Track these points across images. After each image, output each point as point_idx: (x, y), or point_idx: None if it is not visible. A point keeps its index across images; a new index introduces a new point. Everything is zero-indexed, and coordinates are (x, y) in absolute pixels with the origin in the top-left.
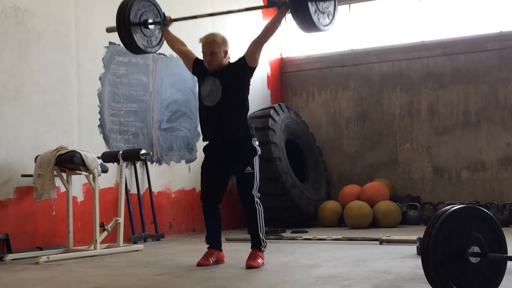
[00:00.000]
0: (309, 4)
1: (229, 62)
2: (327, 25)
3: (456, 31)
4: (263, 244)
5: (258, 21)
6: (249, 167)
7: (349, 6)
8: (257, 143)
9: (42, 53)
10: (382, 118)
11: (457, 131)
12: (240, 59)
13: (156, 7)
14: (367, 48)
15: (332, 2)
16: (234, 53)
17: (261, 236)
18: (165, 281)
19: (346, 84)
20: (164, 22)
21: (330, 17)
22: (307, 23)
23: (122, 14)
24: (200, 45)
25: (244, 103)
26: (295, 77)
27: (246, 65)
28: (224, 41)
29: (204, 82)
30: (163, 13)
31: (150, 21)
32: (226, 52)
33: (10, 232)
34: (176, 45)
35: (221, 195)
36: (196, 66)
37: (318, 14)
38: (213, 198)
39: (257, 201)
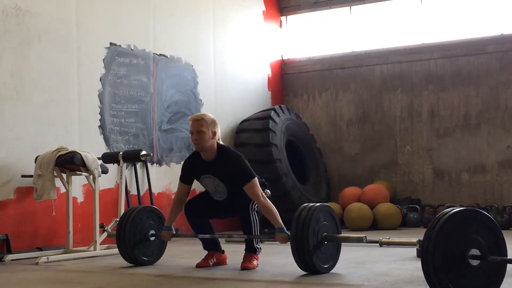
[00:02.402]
0: (314, 259)
1: (219, 145)
2: (329, 267)
3: (457, 34)
4: (256, 249)
5: (259, 23)
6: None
7: (350, 8)
8: (268, 192)
9: (43, 53)
10: (382, 120)
11: (458, 133)
12: (240, 175)
13: (151, 213)
14: (368, 50)
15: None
16: (235, 54)
17: (255, 245)
18: (164, 282)
19: (346, 86)
20: (164, 237)
21: (334, 257)
22: (311, 270)
23: (123, 242)
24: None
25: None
26: (296, 79)
27: (242, 184)
28: (213, 122)
29: (203, 178)
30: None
31: (151, 233)
32: (214, 133)
33: (10, 232)
34: (181, 204)
35: (209, 216)
36: (189, 173)
37: (319, 257)
38: (198, 213)
39: (253, 214)
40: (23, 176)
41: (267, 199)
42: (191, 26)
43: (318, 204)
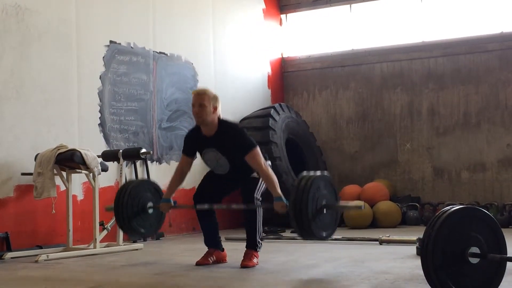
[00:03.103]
0: (313, 225)
1: (220, 119)
2: (328, 234)
3: (456, 32)
4: (258, 245)
5: (258, 21)
6: (255, 173)
7: (350, 6)
8: (269, 162)
9: (42, 51)
10: (382, 119)
11: (457, 131)
12: (241, 145)
13: (150, 185)
14: (368, 48)
15: (334, 213)
16: (235, 52)
17: (257, 238)
18: (164, 280)
19: (346, 84)
20: (162, 209)
21: (333, 226)
22: (310, 237)
23: (121, 212)
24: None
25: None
26: (296, 77)
27: (242, 154)
28: (215, 98)
29: (204, 152)
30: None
31: (149, 205)
32: (215, 108)
33: (10, 230)
34: (182, 175)
35: (215, 200)
36: (190, 144)
37: (321, 226)
38: (206, 201)
39: (258, 204)
40: (23, 174)
41: (269, 168)
42: (191, 24)
43: (318, 173)
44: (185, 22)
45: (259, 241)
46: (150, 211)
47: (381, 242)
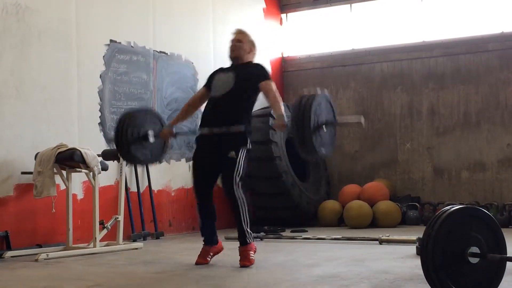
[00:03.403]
0: (314, 139)
1: (250, 62)
2: (328, 150)
3: (457, 32)
4: (248, 236)
5: (259, 20)
6: (233, 152)
7: (350, 5)
8: (249, 140)
9: (43, 50)
10: (382, 118)
11: (458, 131)
12: (260, 72)
13: (153, 114)
14: (368, 48)
15: (334, 129)
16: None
17: (245, 227)
18: (164, 279)
19: (346, 84)
20: (163, 135)
21: (333, 138)
22: (312, 154)
23: (120, 138)
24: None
25: (249, 101)
26: (296, 76)
27: (258, 80)
28: (253, 42)
29: (219, 75)
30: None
31: (150, 134)
32: (251, 49)
33: (10, 229)
34: (197, 105)
35: (211, 185)
36: (213, 75)
37: (320, 142)
38: (207, 194)
39: (237, 189)
40: (23, 173)
41: (277, 92)
42: (191, 23)
43: (318, 92)
44: (185, 21)
45: (247, 231)
46: (152, 139)
47: (381, 241)
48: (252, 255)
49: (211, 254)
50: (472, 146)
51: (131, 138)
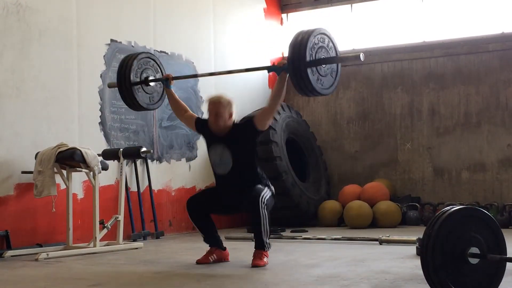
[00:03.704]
0: (310, 73)
1: (234, 122)
2: (329, 87)
3: (457, 32)
4: (266, 246)
5: (259, 20)
6: (260, 185)
7: (351, 6)
8: (270, 191)
9: (43, 50)
10: (383, 118)
11: (458, 131)
12: (248, 122)
13: (156, 62)
14: (369, 48)
15: (334, 64)
16: (235, 51)
17: (265, 239)
18: (164, 279)
19: (347, 84)
20: (167, 82)
21: (334, 75)
22: (310, 92)
23: (122, 74)
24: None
25: (254, 162)
26: None
27: (255, 129)
28: (229, 103)
29: (212, 148)
30: (166, 78)
31: (151, 78)
32: (231, 114)
33: (10, 228)
34: (179, 112)
35: (210, 211)
36: (198, 126)
37: (320, 80)
38: (201, 208)
39: (263, 207)
40: (23, 172)
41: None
42: (191, 23)
43: (315, 28)
44: (186, 21)
45: (266, 242)
46: (152, 84)
47: (381, 242)
48: (266, 259)
49: (215, 256)
50: (472, 146)
51: (134, 80)
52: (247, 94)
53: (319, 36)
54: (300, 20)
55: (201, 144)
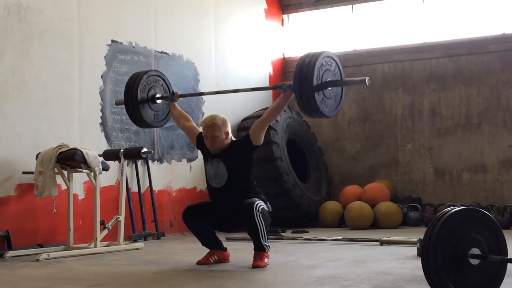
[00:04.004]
0: (316, 95)
1: (231, 140)
2: (333, 110)
3: (458, 33)
4: (265, 248)
5: (260, 21)
6: (255, 199)
7: (352, 6)
8: (266, 205)
9: (44, 50)
10: (383, 119)
11: (459, 132)
12: (244, 138)
13: (165, 81)
14: (370, 48)
15: (339, 88)
16: (236, 52)
17: (263, 242)
18: (165, 280)
19: None
20: (172, 97)
21: (338, 100)
22: (315, 113)
23: (130, 89)
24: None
25: (249, 179)
26: None
27: (250, 144)
28: (224, 123)
29: (208, 163)
30: (172, 91)
31: (158, 95)
32: (227, 134)
33: (11, 229)
34: (181, 120)
35: (206, 223)
36: (199, 141)
37: (325, 102)
38: (196, 219)
39: (257, 215)
40: (24, 173)
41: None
42: (192, 24)
43: (322, 51)
44: (187, 22)
45: (265, 244)
46: (159, 101)
47: (382, 242)
48: (266, 260)
49: (216, 257)
50: (473, 147)
51: (141, 96)
52: (248, 95)
53: (326, 59)
54: (301, 21)
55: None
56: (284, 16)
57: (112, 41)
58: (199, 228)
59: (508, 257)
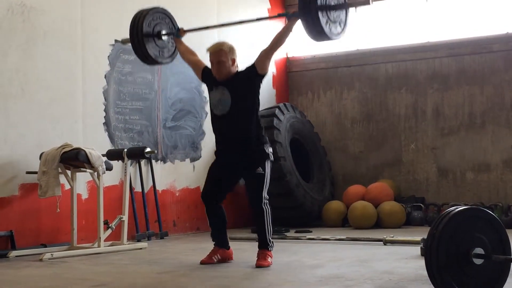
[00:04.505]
0: (320, 15)
1: (237, 70)
2: (338, 33)
3: (462, 32)
4: (270, 245)
5: (263, 21)
6: (260, 168)
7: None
8: (270, 149)
9: (48, 50)
10: (387, 119)
11: (462, 132)
12: (249, 67)
13: (171, 20)
14: (373, 48)
15: (344, 11)
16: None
17: (268, 237)
18: (168, 280)
19: (351, 84)
20: (177, 33)
21: (342, 25)
22: (319, 34)
23: (136, 23)
24: (208, 54)
25: (253, 110)
26: (301, 77)
27: (255, 73)
28: (231, 50)
29: (213, 91)
30: (177, 27)
31: (163, 32)
32: (233, 60)
33: (15, 229)
34: (186, 55)
35: (223, 196)
36: (205, 74)
37: (329, 24)
38: (215, 198)
39: (265, 203)
40: (27, 172)
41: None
42: (195, 23)
43: None
44: (190, 21)
45: (269, 239)
46: (165, 38)
47: (385, 242)
48: (270, 259)
49: (219, 256)
50: (476, 147)
51: (146, 30)
52: None
53: None
54: None
55: (206, 144)
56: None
57: (116, 41)
58: (215, 217)
59: None
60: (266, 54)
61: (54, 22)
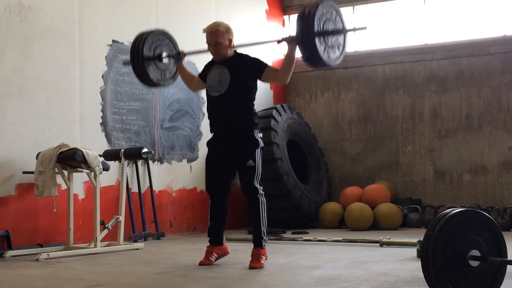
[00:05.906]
0: (317, 42)
1: (235, 51)
2: (337, 58)
3: (459, 35)
4: (264, 238)
5: (261, 21)
6: (251, 160)
7: (353, 8)
8: (260, 135)
9: (45, 50)
10: (384, 120)
11: (459, 134)
12: (256, 62)
13: (172, 41)
14: (371, 50)
15: (342, 35)
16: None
17: (262, 229)
18: (164, 280)
19: (349, 86)
20: (178, 57)
21: (340, 48)
22: (317, 62)
23: (136, 47)
24: (204, 35)
25: (250, 94)
26: (298, 78)
27: (259, 74)
28: (227, 30)
29: (211, 71)
30: (178, 51)
31: (164, 54)
32: (230, 41)
33: (11, 228)
34: (188, 80)
35: (227, 186)
36: (203, 74)
37: (327, 51)
38: (220, 189)
39: (260, 193)
40: (24, 172)
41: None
42: (193, 24)
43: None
44: (188, 22)
45: (264, 232)
46: (165, 60)
47: (382, 244)
48: (263, 259)
49: (215, 255)
50: (473, 149)
51: (147, 54)
52: None
53: (327, 8)
54: None
55: (203, 145)
56: (285, 17)
57: (113, 41)
58: (217, 213)
59: (508, 259)
60: (273, 78)
61: (51, 22)
